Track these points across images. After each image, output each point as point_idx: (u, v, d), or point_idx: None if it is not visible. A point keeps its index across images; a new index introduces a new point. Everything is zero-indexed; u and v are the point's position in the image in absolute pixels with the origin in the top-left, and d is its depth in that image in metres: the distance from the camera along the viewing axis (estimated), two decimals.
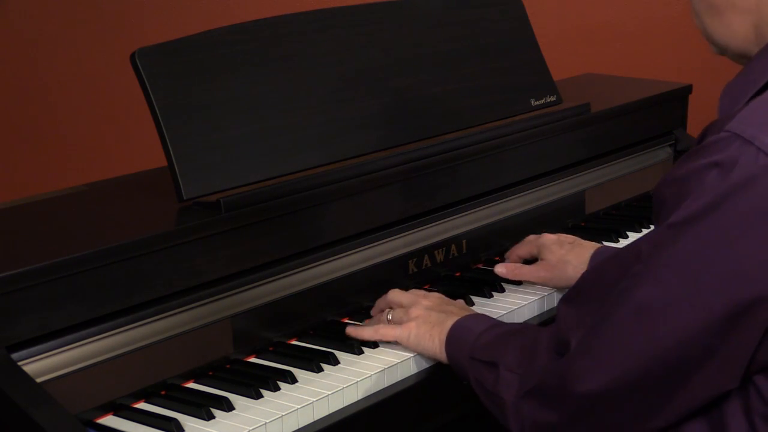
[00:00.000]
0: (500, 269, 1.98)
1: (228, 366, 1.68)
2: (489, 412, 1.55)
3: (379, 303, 1.83)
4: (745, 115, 1.26)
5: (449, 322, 1.67)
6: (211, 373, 1.65)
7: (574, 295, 1.49)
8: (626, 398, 1.33)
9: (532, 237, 2.06)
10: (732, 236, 1.23)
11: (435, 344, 1.67)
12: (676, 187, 1.28)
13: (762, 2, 1.35)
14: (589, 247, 1.96)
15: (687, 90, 2.64)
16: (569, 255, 1.94)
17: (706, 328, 1.25)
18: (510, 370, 1.50)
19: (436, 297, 1.78)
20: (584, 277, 1.49)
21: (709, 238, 1.24)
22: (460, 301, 1.83)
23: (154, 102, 1.68)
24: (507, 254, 2.07)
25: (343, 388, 1.60)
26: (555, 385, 1.40)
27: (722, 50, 1.43)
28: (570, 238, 2.01)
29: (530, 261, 2.04)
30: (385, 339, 1.72)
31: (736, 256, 1.22)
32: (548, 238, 2.01)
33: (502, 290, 1.97)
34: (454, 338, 1.64)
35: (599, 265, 1.47)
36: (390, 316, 1.75)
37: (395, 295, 1.80)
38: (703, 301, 1.24)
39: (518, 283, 1.99)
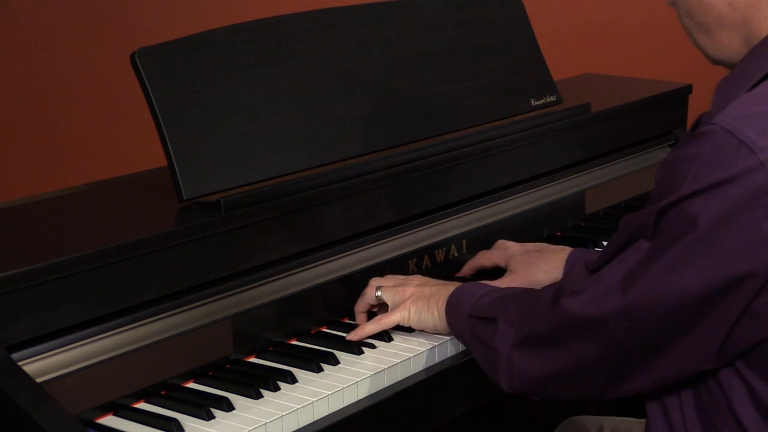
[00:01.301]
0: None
1: (228, 366, 1.68)
2: (482, 369, 1.57)
3: (362, 295, 1.82)
4: (733, 108, 1.30)
5: (444, 291, 1.70)
6: (211, 373, 1.65)
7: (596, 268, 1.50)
8: (605, 355, 1.38)
9: (499, 243, 2.01)
10: (715, 224, 1.27)
11: (435, 315, 1.70)
12: (668, 170, 1.33)
13: (748, 18, 1.39)
14: (558, 251, 1.92)
15: (687, 90, 2.64)
16: (538, 261, 1.91)
17: (683, 307, 1.31)
18: (508, 323, 1.52)
19: (419, 276, 1.81)
20: (605, 252, 1.48)
21: (693, 223, 1.28)
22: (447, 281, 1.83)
23: (154, 102, 1.68)
24: (470, 262, 2.02)
25: (343, 388, 1.60)
26: (545, 332, 1.45)
27: (716, 62, 1.47)
28: (536, 245, 1.97)
29: (493, 271, 2.00)
30: (388, 327, 1.74)
31: (719, 242, 1.27)
32: (515, 248, 1.97)
33: None
34: (453, 302, 1.67)
35: (617, 236, 1.47)
36: (379, 293, 1.77)
37: (376, 280, 1.81)
38: (683, 282, 1.30)
39: None
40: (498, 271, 1.98)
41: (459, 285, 1.71)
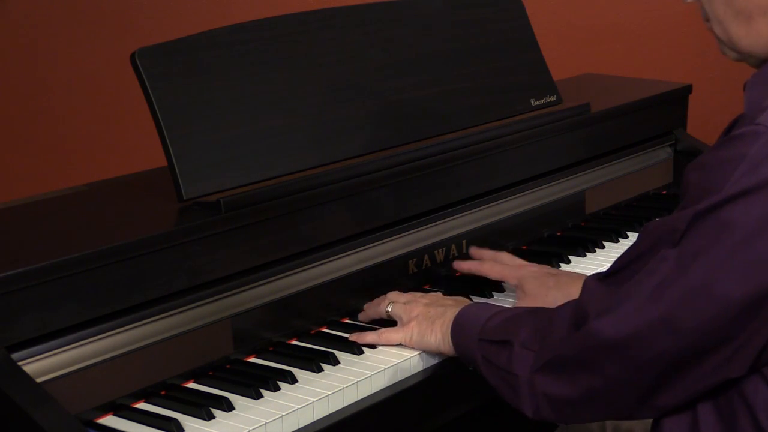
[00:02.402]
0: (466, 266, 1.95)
1: (228, 366, 1.68)
2: (497, 393, 1.54)
3: (377, 299, 1.83)
4: None
5: (449, 314, 1.67)
6: (211, 373, 1.65)
7: (610, 272, 1.47)
8: (640, 371, 1.34)
9: (507, 258, 1.95)
10: (758, 228, 1.24)
11: (438, 337, 1.67)
12: (703, 175, 1.29)
13: None
14: (576, 279, 1.86)
15: (687, 90, 2.64)
16: (555, 288, 1.85)
17: (725, 315, 1.27)
18: (525, 346, 1.48)
19: (433, 295, 1.79)
20: (622, 257, 1.46)
21: (735, 227, 1.25)
22: (459, 297, 1.82)
23: (154, 102, 1.68)
24: (474, 265, 1.96)
25: (343, 388, 1.60)
26: (572, 356, 1.40)
27: (744, 57, 1.40)
28: (551, 270, 1.92)
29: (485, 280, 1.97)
30: (388, 343, 1.72)
31: (762, 246, 1.24)
32: (530, 269, 1.90)
33: (503, 290, 1.97)
34: (459, 325, 1.63)
35: (637, 244, 1.44)
36: (390, 308, 1.76)
37: (394, 294, 1.81)
38: (725, 288, 1.26)
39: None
40: (488, 282, 1.97)
41: (464, 307, 1.67)
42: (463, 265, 1.97)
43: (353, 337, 1.75)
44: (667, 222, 1.33)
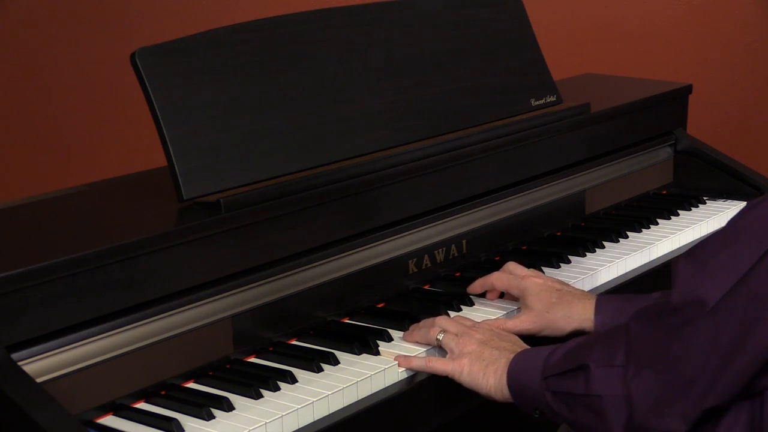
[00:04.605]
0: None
1: (228, 366, 1.68)
2: (576, 427, 1.52)
3: (425, 322, 1.77)
4: None
5: (503, 361, 1.63)
6: (211, 373, 1.65)
7: (697, 253, 1.46)
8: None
9: (511, 267, 1.90)
10: None
11: (489, 383, 1.63)
12: None
13: None
14: (581, 297, 1.83)
15: (687, 90, 2.64)
16: (559, 304, 1.82)
17: None
18: (604, 364, 1.47)
19: (486, 330, 1.72)
20: (711, 239, 1.45)
21: None
22: (514, 336, 1.74)
23: (154, 102, 1.68)
24: (481, 281, 1.92)
25: (343, 388, 1.60)
26: (665, 346, 1.42)
27: None
28: (555, 282, 1.87)
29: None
30: (435, 372, 1.67)
31: None
32: (532, 282, 1.85)
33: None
34: (517, 370, 1.60)
35: (728, 229, 1.43)
36: (441, 337, 1.71)
37: (443, 321, 1.74)
38: None
39: None
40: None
41: (519, 352, 1.63)
42: (475, 287, 1.93)
43: (399, 359, 1.69)
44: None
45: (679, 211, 2.44)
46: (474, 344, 1.67)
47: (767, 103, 3.69)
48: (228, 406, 1.54)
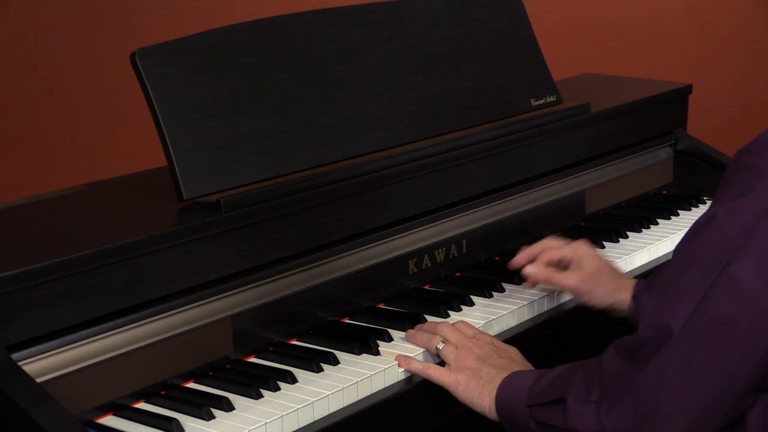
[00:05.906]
0: (531, 269, 1.90)
1: (228, 366, 1.68)
2: None
3: (428, 326, 1.77)
4: None
5: (499, 380, 1.64)
6: (211, 373, 1.65)
7: (657, 283, 1.46)
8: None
9: (551, 243, 1.94)
10: None
11: (484, 402, 1.64)
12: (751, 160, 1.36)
13: None
14: (622, 276, 1.90)
15: (687, 90, 2.64)
16: (607, 274, 1.87)
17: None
18: (580, 399, 1.49)
19: (486, 344, 1.72)
20: (666, 268, 1.46)
21: None
22: (512, 349, 1.74)
23: (154, 102, 1.68)
24: (528, 251, 1.94)
25: (343, 388, 1.60)
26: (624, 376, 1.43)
27: None
28: (606, 259, 1.92)
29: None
30: (432, 380, 1.68)
31: None
32: (590, 246, 1.91)
33: (503, 290, 1.97)
34: (505, 394, 1.61)
35: (681, 254, 1.45)
36: (440, 347, 1.71)
37: (445, 330, 1.74)
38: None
39: (518, 283, 1.99)
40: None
41: (506, 377, 1.63)
42: (520, 258, 1.94)
43: (399, 358, 1.70)
44: (723, 227, 1.39)
45: (679, 211, 2.44)
46: (472, 360, 1.68)
47: (767, 103, 3.70)
48: (228, 406, 1.54)
